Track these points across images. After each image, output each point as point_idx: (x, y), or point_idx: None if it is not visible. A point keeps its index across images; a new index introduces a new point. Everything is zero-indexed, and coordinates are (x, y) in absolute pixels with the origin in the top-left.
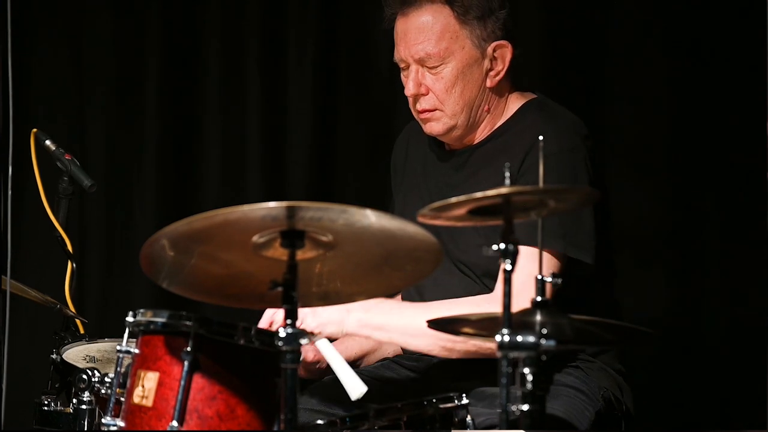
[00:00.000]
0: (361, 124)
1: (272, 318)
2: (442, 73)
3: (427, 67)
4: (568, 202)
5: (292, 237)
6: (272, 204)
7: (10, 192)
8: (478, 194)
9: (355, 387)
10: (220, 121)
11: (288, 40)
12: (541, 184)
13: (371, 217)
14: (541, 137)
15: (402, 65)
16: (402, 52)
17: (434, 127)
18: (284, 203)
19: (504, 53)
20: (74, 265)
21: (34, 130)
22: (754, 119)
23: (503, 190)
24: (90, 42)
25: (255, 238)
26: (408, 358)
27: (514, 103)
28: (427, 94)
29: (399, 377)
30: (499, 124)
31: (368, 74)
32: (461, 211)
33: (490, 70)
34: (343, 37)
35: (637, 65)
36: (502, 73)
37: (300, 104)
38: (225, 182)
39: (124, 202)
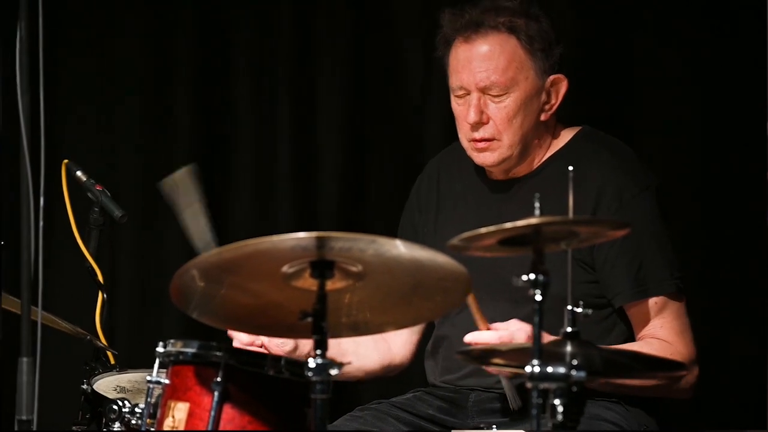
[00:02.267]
0: (391, 153)
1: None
2: (505, 103)
3: (489, 95)
4: (598, 234)
5: (322, 267)
6: (302, 234)
7: (42, 223)
8: (508, 225)
9: None
10: (251, 152)
11: (318, 71)
12: (570, 214)
13: (401, 248)
14: (570, 167)
15: (460, 92)
16: (464, 79)
17: (488, 157)
18: (314, 233)
19: (559, 88)
20: (105, 295)
21: (66, 161)
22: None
23: (533, 221)
24: (120, 73)
25: (285, 269)
26: (443, 389)
27: (564, 135)
28: (488, 123)
29: (432, 409)
30: (549, 155)
31: (398, 104)
32: (491, 241)
33: (546, 103)
34: (373, 66)
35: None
36: (555, 107)
37: (330, 134)
38: (255, 212)
39: (155, 233)
